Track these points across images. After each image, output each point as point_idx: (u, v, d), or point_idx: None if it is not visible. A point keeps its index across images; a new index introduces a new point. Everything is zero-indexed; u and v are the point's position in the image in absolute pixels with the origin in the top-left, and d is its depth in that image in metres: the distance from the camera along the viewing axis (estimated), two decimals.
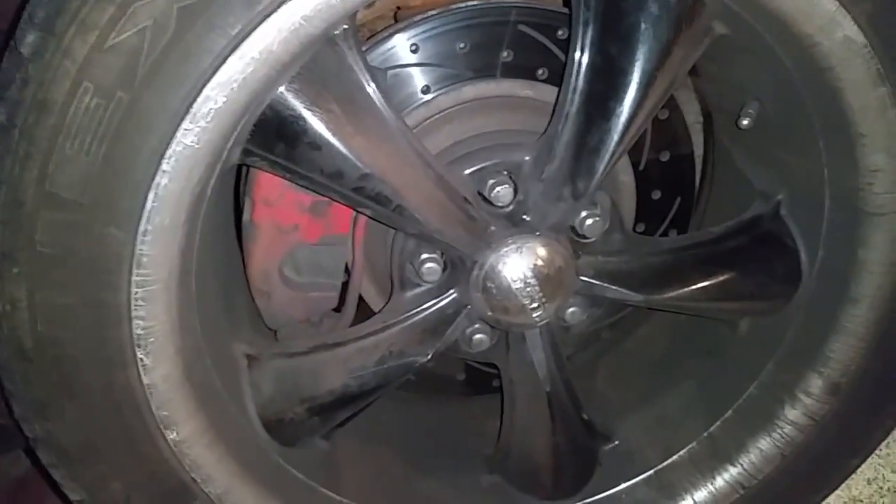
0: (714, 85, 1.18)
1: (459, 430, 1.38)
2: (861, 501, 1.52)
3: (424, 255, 1.07)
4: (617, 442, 1.30)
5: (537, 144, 1.03)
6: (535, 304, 1.05)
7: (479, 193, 1.04)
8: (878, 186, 0.96)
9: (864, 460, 1.20)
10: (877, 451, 1.28)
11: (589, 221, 1.06)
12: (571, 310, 1.15)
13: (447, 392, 1.43)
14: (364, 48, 1.08)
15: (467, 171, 1.06)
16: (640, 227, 1.31)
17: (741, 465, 1.18)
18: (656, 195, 1.29)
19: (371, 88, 0.91)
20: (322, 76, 0.88)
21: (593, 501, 1.26)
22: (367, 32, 1.27)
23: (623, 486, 1.25)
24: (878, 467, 1.57)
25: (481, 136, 1.11)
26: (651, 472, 1.25)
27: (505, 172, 1.05)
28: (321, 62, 0.87)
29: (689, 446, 1.23)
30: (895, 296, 1.03)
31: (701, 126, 1.35)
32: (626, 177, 1.24)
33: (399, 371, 1.08)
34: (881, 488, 1.53)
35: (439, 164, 1.02)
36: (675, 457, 1.24)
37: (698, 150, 1.35)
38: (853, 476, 1.21)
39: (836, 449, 1.17)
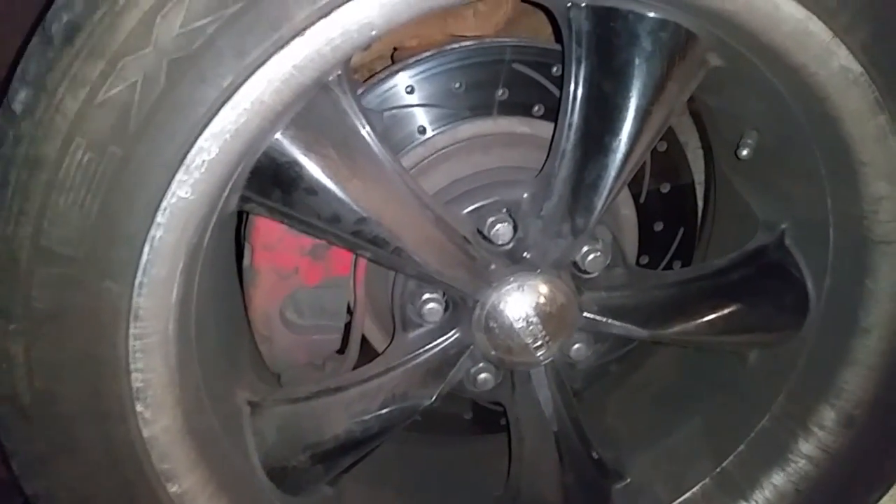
0: (712, 115, 1.17)
1: (468, 471, 1.36)
2: None
3: (426, 296, 1.06)
4: (629, 479, 1.27)
5: (535, 181, 1.03)
6: (538, 343, 1.03)
7: (479, 232, 1.03)
8: (883, 214, 0.95)
9: (883, 494, 1.17)
10: None
11: (591, 257, 1.05)
12: (576, 346, 1.13)
13: (455, 432, 1.40)
14: (360, 90, 1.09)
15: (466, 210, 1.05)
16: (644, 260, 1.30)
17: (755, 501, 1.15)
18: (658, 227, 1.28)
19: (366, 132, 0.91)
20: (317, 122, 0.88)
21: None
22: (365, 73, 1.28)
23: None
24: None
25: (479, 174, 1.11)
26: None
27: (504, 210, 1.04)
28: (316, 108, 0.87)
29: (702, 483, 1.21)
30: None
31: (702, 156, 1.34)
32: (627, 210, 1.23)
33: (403, 414, 1.06)
34: None
35: (437, 204, 1.01)
36: (687, 494, 1.22)
37: (700, 180, 1.35)
38: None
39: (852, 483, 1.14)
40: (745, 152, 1.05)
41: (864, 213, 0.96)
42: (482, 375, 1.12)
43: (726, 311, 1.09)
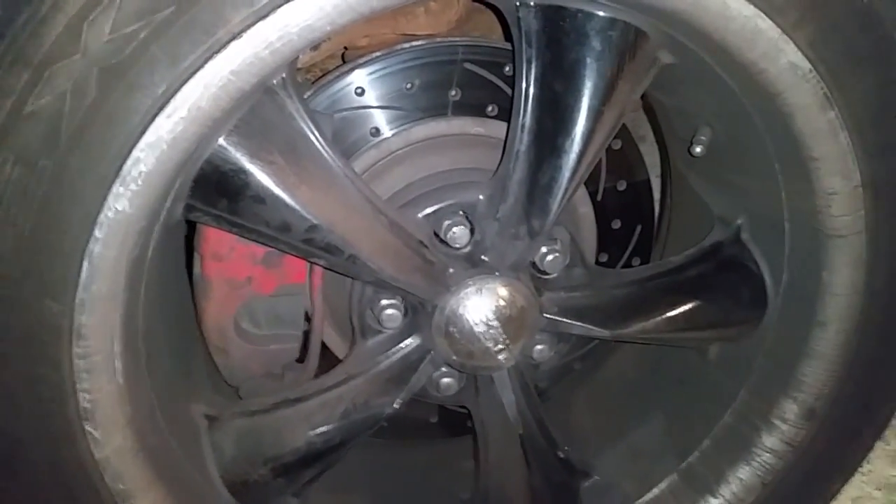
0: (665, 112, 1.17)
1: (435, 475, 1.35)
2: None
3: (384, 302, 1.04)
4: (597, 477, 1.27)
5: (491, 183, 1.01)
6: (499, 347, 1.02)
7: (436, 235, 1.02)
8: (836, 209, 0.95)
9: (845, 483, 1.18)
10: (860, 469, 1.26)
11: (549, 257, 1.05)
12: (539, 347, 1.12)
13: (421, 436, 1.39)
14: (308, 93, 1.07)
15: (422, 214, 1.04)
16: (603, 258, 1.29)
17: (722, 496, 1.15)
18: (616, 224, 1.27)
19: (314, 136, 0.89)
20: (262, 127, 0.85)
21: None
22: (318, 72, 1.25)
23: None
24: (862, 485, 1.54)
25: (434, 176, 1.09)
26: None
27: (461, 213, 1.03)
28: (260, 113, 0.84)
29: (669, 478, 1.21)
30: (863, 317, 1.02)
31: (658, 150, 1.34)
32: (585, 208, 1.22)
33: (365, 423, 1.04)
34: None
35: (391, 208, 1.00)
36: (654, 490, 1.21)
37: (656, 174, 1.35)
38: (838, 497, 1.19)
39: (816, 474, 1.15)
40: (698, 149, 1.05)
41: (817, 207, 0.96)
42: (445, 380, 1.10)
43: (685, 307, 1.09)
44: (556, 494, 1.21)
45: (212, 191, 0.85)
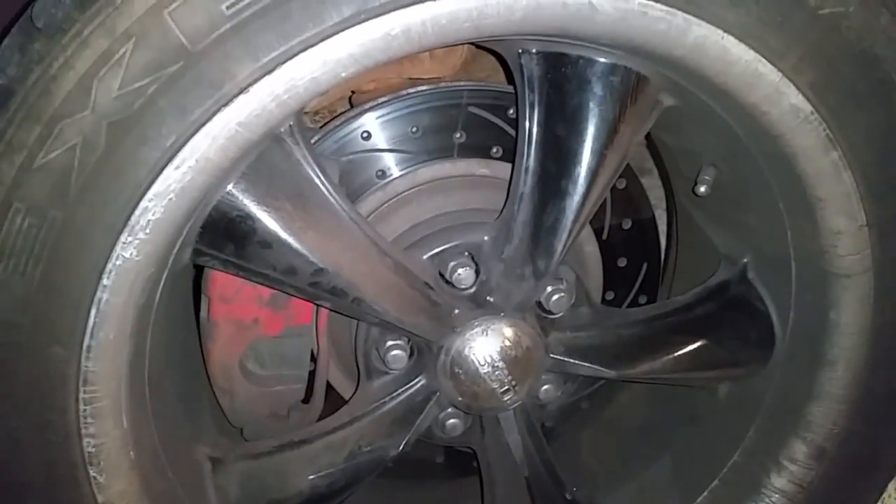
0: (670, 152, 1.17)
1: None
2: None
3: (389, 343, 1.04)
4: None
5: (496, 224, 1.02)
6: (505, 388, 1.02)
7: (441, 276, 1.02)
8: (842, 249, 0.95)
9: None
10: None
11: (555, 297, 1.05)
12: (545, 387, 1.12)
13: (427, 476, 1.38)
14: (315, 138, 1.08)
15: (427, 255, 1.04)
16: (610, 296, 1.29)
17: None
18: (622, 263, 1.28)
19: (321, 181, 0.89)
20: (269, 174, 0.86)
21: None
22: (326, 115, 1.27)
23: None
24: None
25: (440, 218, 1.10)
26: None
27: (466, 254, 1.03)
28: (268, 160, 0.85)
29: None
30: (871, 356, 1.01)
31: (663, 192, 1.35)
32: (591, 247, 1.23)
33: (369, 466, 1.04)
34: None
35: (397, 250, 1.00)
36: None
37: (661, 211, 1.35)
38: None
39: None
40: (702, 189, 1.05)
41: (823, 247, 0.96)
42: (451, 421, 1.10)
43: (692, 347, 1.09)
44: None
45: (219, 236, 0.86)
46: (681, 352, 1.08)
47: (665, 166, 1.26)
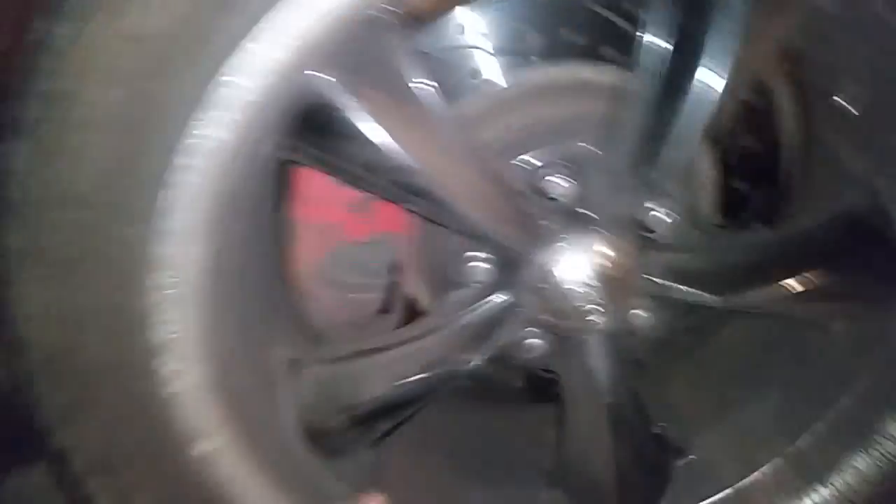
0: (809, 65, 1.04)
1: (518, 441, 1.29)
2: None
3: (474, 253, 0.98)
4: (692, 456, 1.18)
5: (599, 131, 0.93)
6: (593, 308, 0.94)
7: (534, 185, 0.94)
8: None
9: None
10: None
11: (658, 215, 0.95)
12: (638, 313, 1.04)
13: (505, 399, 1.33)
14: (414, 30, 1.00)
15: (521, 162, 0.96)
16: (722, 220, 1.19)
17: (834, 485, 1.04)
18: (738, 185, 1.16)
19: (413, 74, 0.83)
20: (362, 62, 0.79)
21: None
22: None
23: None
24: None
25: (538, 123, 1.01)
26: (730, 490, 1.13)
27: (563, 162, 0.95)
28: (361, 46, 0.79)
29: (774, 462, 1.10)
30: None
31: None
32: (706, 165, 1.12)
33: (444, 379, 0.99)
34: None
35: (489, 154, 0.93)
36: (757, 474, 1.11)
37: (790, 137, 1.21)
38: None
39: None
40: (846, 105, 0.92)
41: None
42: (532, 341, 1.04)
43: (808, 277, 0.97)
44: (644, 470, 1.13)
45: (305, 126, 0.81)
46: (795, 281, 0.97)
47: (798, 80, 1.11)
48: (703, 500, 1.13)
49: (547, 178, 0.93)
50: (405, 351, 1.00)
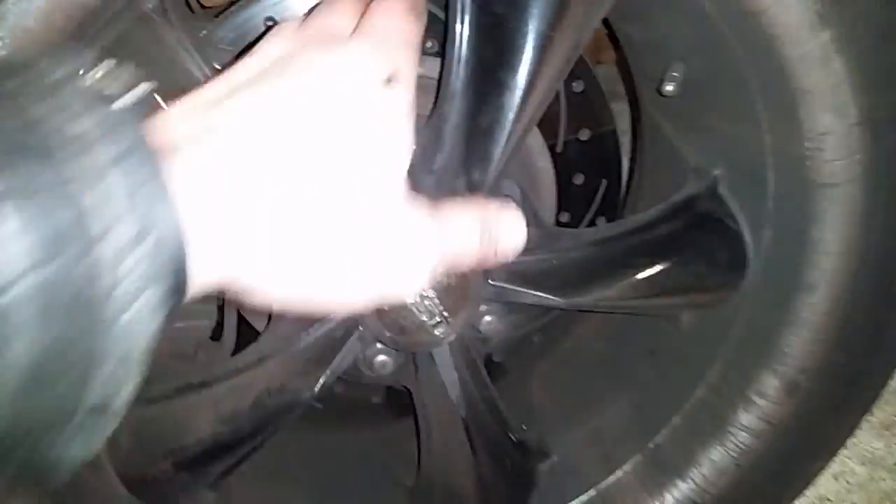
0: (634, 48, 1.01)
1: (379, 460, 1.22)
2: (829, 500, 1.38)
3: None
4: (556, 458, 1.14)
5: (425, 130, 0.85)
6: (435, 320, 0.88)
7: None
8: (829, 153, 0.81)
9: (828, 462, 1.06)
10: None
11: None
12: (487, 319, 0.98)
13: (363, 418, 1.25)
14: (204, 25, 0.90)
15: None
16: (565, 217, 1.16)
17: (692, 479, 1.03)
18: (579, 180, 1.13)
19: (204, 73, 0.73)
20: (134, 59, 0.69)
21: None
22: None
23: None
24: (844, 460, 1.43)
25: None
26: (593, 491, 1.10)
27: None
28: (132, 42, 0.68)
29: (634, 459, 1.08)
30: (855, 281, 0.89)
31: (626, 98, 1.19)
32: (543, 161, 1.07)
33: (279, 411, 0.90)
34: (849, 483, 1.40)
35: None
36: (618, 472, 1.09)
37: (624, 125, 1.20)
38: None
39: (797, 453, 1.03)
40: (669, 87, 0.90)
41: (806, 151, 0.82)
42: (379, 358, 0.96)
43: (652, 271, 0.95)
44: (508, 478, 1.08)
45: None
46: (640, 276, 0.94)
47: (627, 66, 1.09)
48: (568, 502, 1.09)
49: None
50: (234, 384, 0.90)
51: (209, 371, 0.93)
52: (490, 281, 0.91)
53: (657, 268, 0.95)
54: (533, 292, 0.92)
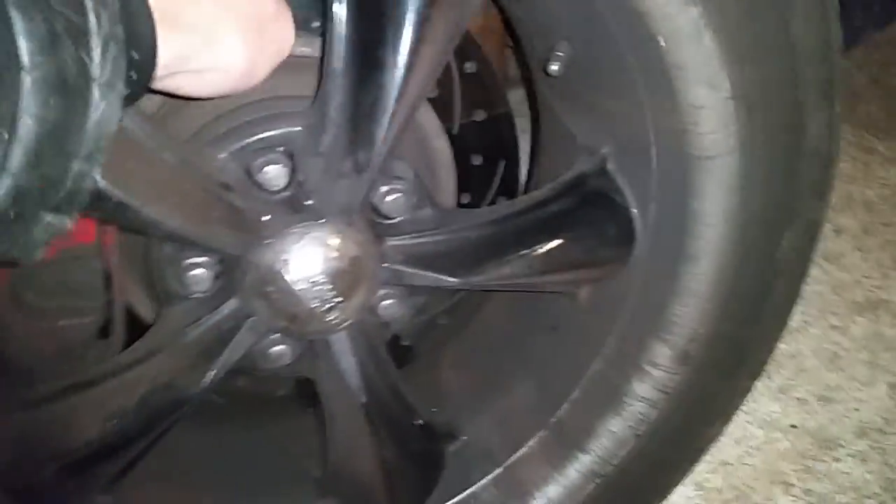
0: (523, 29, 1.02)
1: (285, 453, 1.19)
2: (730, 464, 1.44)
3: (189, 260, 0.86)
4: (464, 438, 1.15)
5: (311, 111, 0.84)
6: (328, 306, 0.87)
7: (249, 176, 0.84)
8: (704, 126, 0.83)
9: (724, 426, 1.10)
10: (742, 407, 1.19)
11: (391, 198, 0.89)
12: (386, 303, 0.98)
13: (271, 412, 1.23)
14: None
15: (227, 152, 0.85)
16: (465, 199, 1.16)
17: (593, 451, 1.05)
18: (477, 161, 1.14)
19: None
20: None
21: None
22: None
23: (470, 490, 1.10)
24: (745, 425, 1.50)
25: (247, 107, 0.91)
26: (500, 469, 1.11)
27: (279, 149, 0.85)
28: None
29: (538, 435, 1.10)
30: (737, 249, 0.92)
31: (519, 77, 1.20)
32: (439, 142, 1.07)
33: (168, 408, 0.87)
34: (749, 447, 1.47)
35: (181, 145, 0.82)
36: (523, 449, 1.10)
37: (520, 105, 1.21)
38: (720, 438, 1.12)
39: (693, 420, 1.06)
40: (555, 67, 0.91)
41: (684, 125, 0.84)
42: (275, 349, 0.94)
43: (545, 248, 0.96)
44: (413, 464, 1.08)
45: None
46: (534, 253, 0.96)
47: (517, 45, 1.10)
48: (476, 482, 1.10)
49: (264, 168, 0.83)
50: (121, 381, 0.87)
51: (96, 369, 0.89)
52: (384, 264, 0.91)
53: (550, 244, 0.97)
54: (428, 273, 0.92)
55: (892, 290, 1.74)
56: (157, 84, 0.69)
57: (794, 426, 1.50)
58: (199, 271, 0.86)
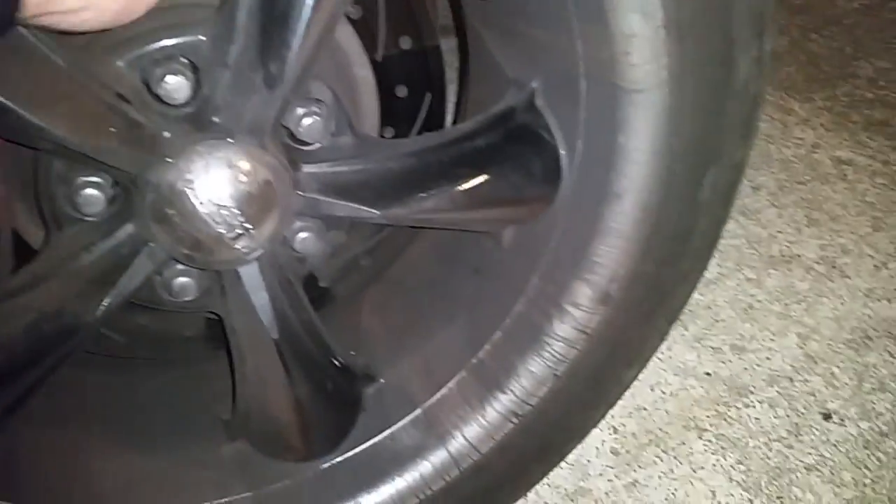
0: None
1: (192, 398, 1.14)
2: (645, 409, 1.47)
3: (81, 179, 0.79)
4: (382, 381, 1.12)
5: (217, 18, 0.77)
6: (237, 233, 0.81)
7: (148, 88, 0.77)
8: (635, 56, 0.81)
9: (642, 369, 1.10)
10: (658, 355, 1.20)
11: (307, 122, 0.84)
12: (302, 236, 0.92)
13: (176, 354, 1.17)
14: None
15: (125, 60, 0.78)
16: (389, 132, 1.11)
17: (512, 391, 1.03)
18: (402, 92, 1.09)
19: None
20: None
21: (356, 454, 1.07)
22: None
23: (388, 431, 1.08)
24: (660, 371, 1.52)
25: (150, 13, 0.83)
26: (419, 411, 1.08)
27: (182, 59, 0.78)
28: None
29: (458, 376, 1.07)
30: (663, 188, 0.90)
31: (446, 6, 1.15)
32: (362, 70, 1.02)
33: (58, 338, 0.80)
34: (664, 393, 1.49)
35: (73, 51, 0.73)
36: (443, 390, 1.08)
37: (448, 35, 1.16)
38: (636, 384, 1.12)
39: (612, 361, 1.06)
40: None
41: (614, 55, 0.81)
42: (179, 280, 0.89)
43: (470, 183, 0.92)
44: (329, 405, 1.05)
45: None
46: (457, 188, 0.92)
47: None
48: (394, 423, 1.08)
49: (165, 79, 0.76)
50: (9, 306, 0.80)
51: None
52: (299, 192, 0.86)
53: (475, 180, 0.93)
54: (347, 203, 0.87)
55: (805, 245, 1.79)
56: (33, 21, 0.63)
57: (708, 374, 1.54)
58: (92, 191, 0.79)
